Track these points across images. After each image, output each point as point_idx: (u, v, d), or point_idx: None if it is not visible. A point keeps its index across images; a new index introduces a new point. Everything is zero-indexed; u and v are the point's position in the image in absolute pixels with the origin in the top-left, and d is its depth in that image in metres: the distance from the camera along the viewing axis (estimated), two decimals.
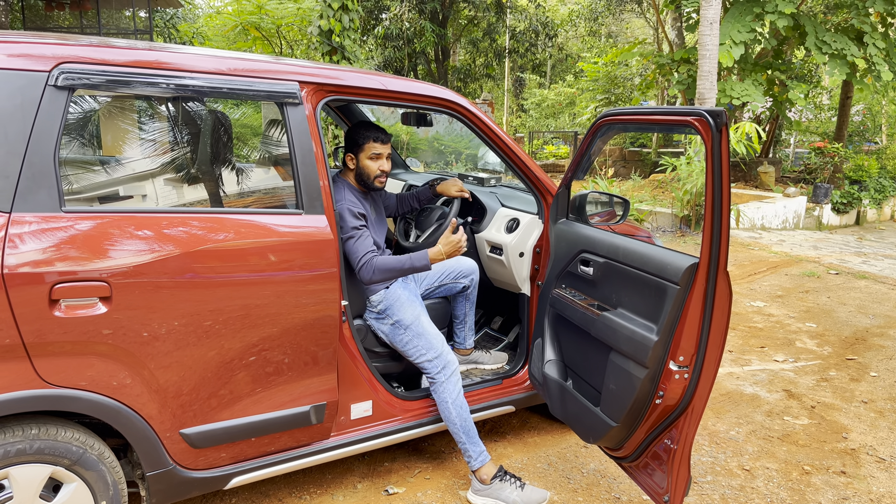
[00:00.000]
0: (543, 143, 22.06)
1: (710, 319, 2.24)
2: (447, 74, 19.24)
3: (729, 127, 2.02)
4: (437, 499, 2.95)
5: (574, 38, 26.53)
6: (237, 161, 3.03)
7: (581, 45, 26.30)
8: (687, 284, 2.26)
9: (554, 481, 3.13)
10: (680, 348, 2.29)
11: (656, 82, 16.26)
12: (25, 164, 1.97)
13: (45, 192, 2.00)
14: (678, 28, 17.00)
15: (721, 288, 2.21)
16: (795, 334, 5.50)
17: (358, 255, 2.76)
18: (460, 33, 19.91)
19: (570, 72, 25.95)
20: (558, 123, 25.44)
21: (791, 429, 3.76)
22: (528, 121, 26.72)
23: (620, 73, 19.19)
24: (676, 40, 16.94)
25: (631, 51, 16.54)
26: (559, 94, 25.41)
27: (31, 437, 2.04)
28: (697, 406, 2.33)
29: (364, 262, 2.75)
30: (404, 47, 17.12)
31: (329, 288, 2.49)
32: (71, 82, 2.05)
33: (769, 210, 11.54)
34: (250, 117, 4.17)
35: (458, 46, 21.49)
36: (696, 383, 2.30)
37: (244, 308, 2.31)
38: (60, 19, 15.35)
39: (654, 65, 14.94)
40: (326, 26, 10.06)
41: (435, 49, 18.54)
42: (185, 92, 2.28)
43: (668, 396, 2.34)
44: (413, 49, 17.11)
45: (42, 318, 1.97)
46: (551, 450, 3.42)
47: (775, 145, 17.30)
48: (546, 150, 20.62)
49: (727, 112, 10.24)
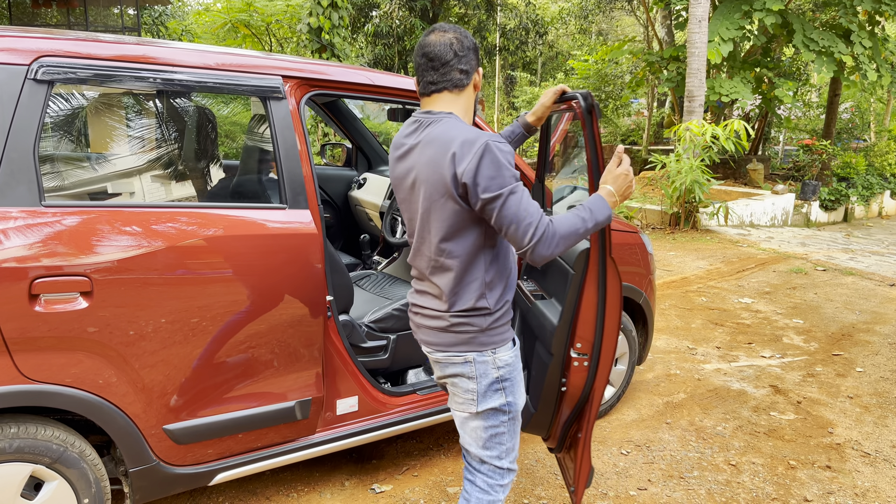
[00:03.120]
0: (534, 141, 22.06)
1: (604, 305, 2.25)
2: None
3: (598, 109, 2.08)
4: (424, 495, 2.95)
5: (564, 35, 26.54)
6: (222, 156, 3.01)
7: (571, 42, 26.32)
8: (582, 269, 2.27)
9: (541, 477, 3.13)
10: (577, 335, 2.30)
11: (646, 80, 16.30)
12: (4, 158, 1.95)
13: (25, 187, 1.98)
14: (668, 26, 17.04)
15: (611, 272, 2.22)
16: (783, 330, 5.53)
17: (532, 218, 1.74)
18: None
19: (561, 69, 25.97)
20: None
21: (777, 424, 3.78)
22: None
23: (611, 70, 19.21)
24: (666, 38, 16.98)
25: (621, 48, 16.57)
26: None
27: (10, 435, 2.02)
28: (597, 395, 2.34)
29: (544, 229, 1.75)
30: (394, 45, 17.09)
31: (313, 283, 2.48)
32: (51, 76, 2.03)
33: (758, 207, 11.59)
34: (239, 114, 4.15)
35: None
36: (595, 371, 2.31)
37: (227, 304, 2.30)
38: (48, 17, 15.23)
39: (644, 62, 14.98)
40: (316, 24, 10.03)
41: None
42: (169, 86, 2.26)
43: (570, 384, 2.35)
44: (403, 47, 17.08)
45: (22, 314, 1.95)
46: (539, 446, 3.42)
47: (764, 143, 17.38)
48: (536, 148, 20.63)
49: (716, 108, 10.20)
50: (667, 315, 5.87)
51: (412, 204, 1.90)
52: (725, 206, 10.63)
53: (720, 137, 9.74)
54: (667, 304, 6.25)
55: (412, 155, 1.87)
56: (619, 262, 3.53)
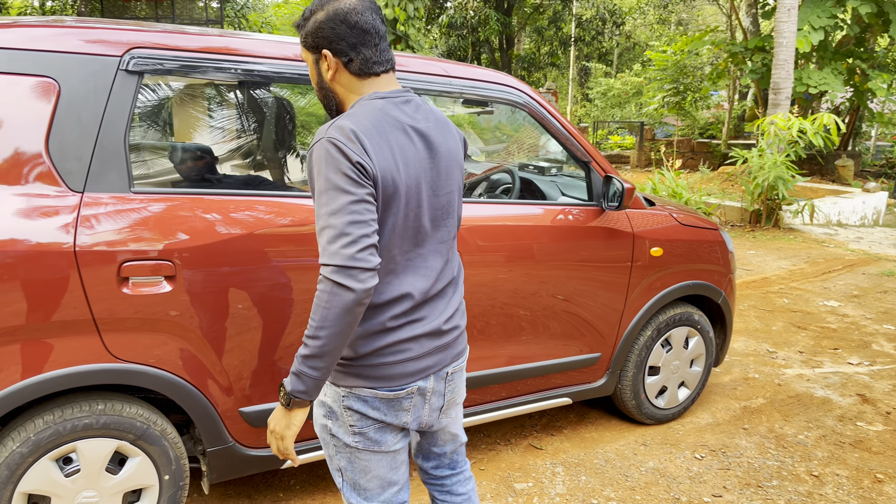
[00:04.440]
0: (608, 134, 21.67)
1: None
2: (511, 63, 19.07)
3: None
4: (491, 490, 2.93)
5: (642, 26, 25.89)
6: (299, 147, 3.06)
7: (649, 33, 25.65)
8: None
9: (611, 478, 3.06)
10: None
11: (728, 71, 15.72)
12: (97, 146, 2.03)
13: (116, 174, 2.06)
14: (753, 15, 16.36)
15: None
16: (872, 336, 5.23)
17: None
18: (525, 21, 19.69)
19: (638, 60, 25.35)
20: (624, 113, 24.92)
21: (864, 435, 3.58)
22: (593, 110, 26.27)
23: (690, 62, 18.61)
24: (751, 28, 16.31)
25: (702, 39, 16.02)
26: (625, 84, 24.87)
27: (97, 412, 2.11)
28: None
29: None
30: (468, 36, 17.06)
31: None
32: (141, 67, 2.10)
33: (846, 206, 11.01)
34: (315, 104, 4.22)
35: (523, 35, 21.26)
36: None
37: (302, 291, 2.34)
38: (137, 10, 15.94)
39: (727, 53, 14.44)
40: (391, 15, 10.09)
41: (499, 38, 18.39)
42: (252, 77, 2.30)
43: None
44: (477, 38, 17.03)
45: (111, 295, 2.03)
46: (609, 446, 3.35)
47: (855, 138, 16.51)
48: (611, 141, 20.23)
49: (804, 101, 9.74)
50: (746, 316, 5.65)
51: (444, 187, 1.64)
52: (811, 204, 10.14)
53: (807, 132, 9.28)
54: (746, 304, 6.01)
55: (435, 136, 1.61)
56: (697, 259, 3.41)
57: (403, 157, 1.52)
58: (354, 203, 1.41)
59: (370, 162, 1.45)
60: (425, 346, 1.62)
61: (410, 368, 1.60)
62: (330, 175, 1.42)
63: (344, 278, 1.38)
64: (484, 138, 8.44)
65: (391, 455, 1.69)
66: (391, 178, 1.48)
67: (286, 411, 1.49)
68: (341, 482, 1.72)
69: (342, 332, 1.41)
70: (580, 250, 2.99)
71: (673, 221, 3.34)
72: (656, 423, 3.59)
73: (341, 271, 1.38)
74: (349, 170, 1.41)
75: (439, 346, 1.65)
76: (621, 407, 3.50)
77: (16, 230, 1.92)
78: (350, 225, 1.40)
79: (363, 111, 1.51)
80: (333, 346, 1.42)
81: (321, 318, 1.40)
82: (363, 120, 1.48)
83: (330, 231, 1.40)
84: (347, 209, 1.40)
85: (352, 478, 1.68)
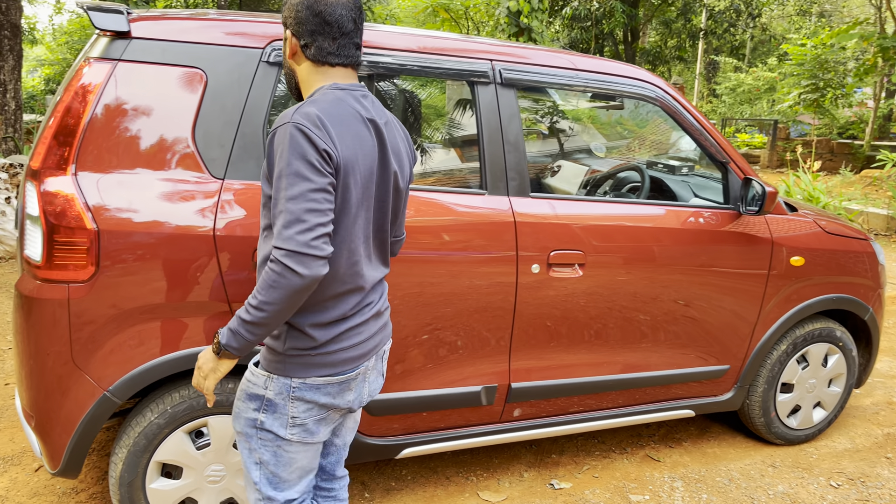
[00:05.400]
0: (735, 132, 20.55)
1: None
2: (635, 56, 18.47)
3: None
4: (605, 499, 2.83)
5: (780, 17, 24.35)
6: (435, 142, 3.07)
7: (788, 25, 24.08)
8: None
9: (735, 499, 2.88)
10: None
11: (876, 67, 14.46)
12: (238, 135, 2.11)
13: (254, 162, 2.13)
14: None
15: None
16: None
17: None
18: (652, 13, 18.99)
19: (773, 54, 23.87)
20: (754, 110, 23.53)
21: None
22: (720, 107, 25.00)
23: (832, 56, 17.27)
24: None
25: (849, 32, 14.82)
26: (758, 79, 23.47)
27: (227, 391, 2.20)
28: None
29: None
30: (592, 28, 16.68)
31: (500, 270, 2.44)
32: (280, 58, 2.16)
33: None
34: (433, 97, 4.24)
35: (649, 27, 20.53)
36: None
37: (417, 285, 2.34)
38: (271, 3, 16.72)
39: (876, 47, 13.28)
40: (515, 7, 10.01)
41: (624, 30, 17.86)
42: (380, 69, 2.32)
43: None
44: (601, 30, 16.62)
45: (245, 278, 2.11)
46: (733, 464, 3.15)
47: None
48: (738, 139, 19.20)
49: None
50: (891, 334, 5.17)
51: (388, 181, 1.66)
52: None
53: None
54: (892, 321, 5.51)
55: (388, 134, 1.65)
56: (842, 271, 3.14)
57: (362, 147, 1.56)
58: (314, 191, 1.44)
59: (335, 149, 1.48)
60: (372, 328, 1.70)
61: (362, 350, 1.67)
62: (293, 160, 1.44)
63: (295, 264, 1.42)
64: (605, 133, 8.22)
65: (317, 446, 1.74)
66: (352, 167, 1.53)
67: (216, 358, 1.57)
68: (258, 476, 1.72)
69: (285, 310, 1.47)
70: (713, 256, 2.82)
71: (816, 229, 3.09)
72: (786, 443, 3.34)
73: (294, 256, 1.42)
74: (314, 157, 1.45)
75: (381, 326, 1.74)
76: (748, 424, 3.28)
77: (160, 213, 2.02)
78: (307, 213, 1.43)
79: (326, 99, 1.54)
80: (273, 321, 1.48)
81: (267, 295, 1.45)
82: (328, 107, 1.52)
83: (286, 216, 1.43)
84: (306, 196, 1.44)
85: (273, 471, 1.70)
